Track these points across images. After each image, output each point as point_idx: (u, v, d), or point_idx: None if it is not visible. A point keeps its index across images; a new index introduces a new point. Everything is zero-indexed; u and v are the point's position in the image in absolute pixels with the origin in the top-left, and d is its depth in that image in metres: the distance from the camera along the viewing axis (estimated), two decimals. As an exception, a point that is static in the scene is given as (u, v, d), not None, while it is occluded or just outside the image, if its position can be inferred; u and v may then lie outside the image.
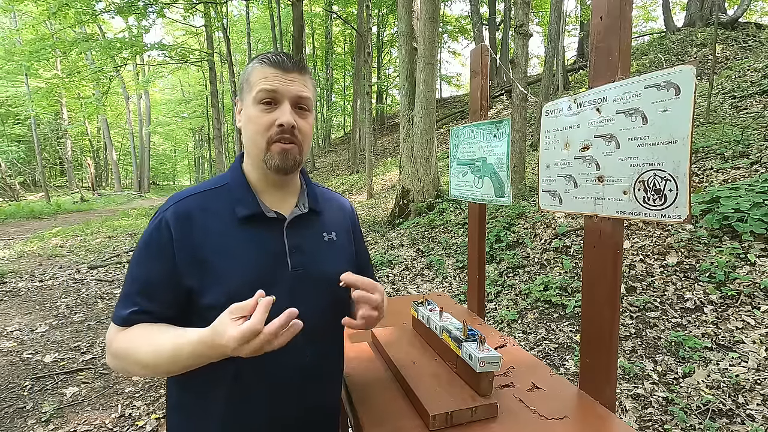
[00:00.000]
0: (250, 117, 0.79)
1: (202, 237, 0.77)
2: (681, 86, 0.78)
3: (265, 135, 0.78)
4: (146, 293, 0.76)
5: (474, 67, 1.53)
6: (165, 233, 0.76)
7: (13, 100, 20.46)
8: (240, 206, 0.80)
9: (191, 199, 0.81)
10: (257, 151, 0.80)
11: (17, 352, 3.26)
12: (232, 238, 0.78)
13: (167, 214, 0.78)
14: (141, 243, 0.79)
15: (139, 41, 13.08)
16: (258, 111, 0.78)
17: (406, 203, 6.65)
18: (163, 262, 0.76)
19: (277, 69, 0.78)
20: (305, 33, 16.08)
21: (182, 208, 0.79)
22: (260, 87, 0.77)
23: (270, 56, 0.80)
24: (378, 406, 0.93)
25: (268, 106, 0.78)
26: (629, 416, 2.08)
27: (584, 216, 1.00)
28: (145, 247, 0.78)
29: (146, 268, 0.77)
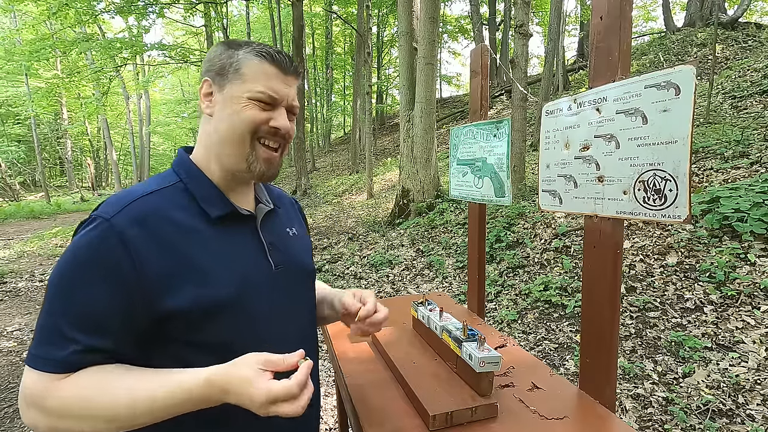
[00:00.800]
0: (236, 111, 0.70)
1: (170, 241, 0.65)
2: (681, 86, 0.78)
3: (253, 129, 0.71)
4: (91, 326, 0.60)
5: (474, 67, 1.53)
6: (116, 245, 0.61)
7: (13, 100, 20.47)
8: (210, 205, 0.72)
9: (144, 199, 0.66)
10: (238, 150, 0.72)
11: (17, 352, 3.26)
12: (210, 240, 0.69)
13: (116, 221, 0.62)
14: (75, 262, 0.61)
15: (139, 41, 13.07)
16: (249, 107, 0.70)
17: (406, 203, 6.65)
18: (119, 283, 0.61)
19: (278, 69, 0.72)
20: (305, 33, 16.08)
21: (137, 210, 0.64)
22: (261, 88, 0.70)
23: (271, 53, 0.72)
24: (378, 406, 0.93)
25: (263, 105, 0.71)
26: (629, 416, 2.08)
27: (584, 216, 1.00)
28: (86, 268, 0.60)
29: (91, 295, 0.60)
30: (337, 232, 7.01)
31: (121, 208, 0.64)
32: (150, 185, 0.70)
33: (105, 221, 0.62)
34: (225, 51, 0.73)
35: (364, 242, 6.17)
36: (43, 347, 0.59)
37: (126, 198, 0.66)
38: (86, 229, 0.63)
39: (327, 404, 2.46)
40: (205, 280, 0.66)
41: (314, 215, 8.96)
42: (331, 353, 1.26)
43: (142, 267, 0.62)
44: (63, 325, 0.59)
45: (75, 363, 0.59)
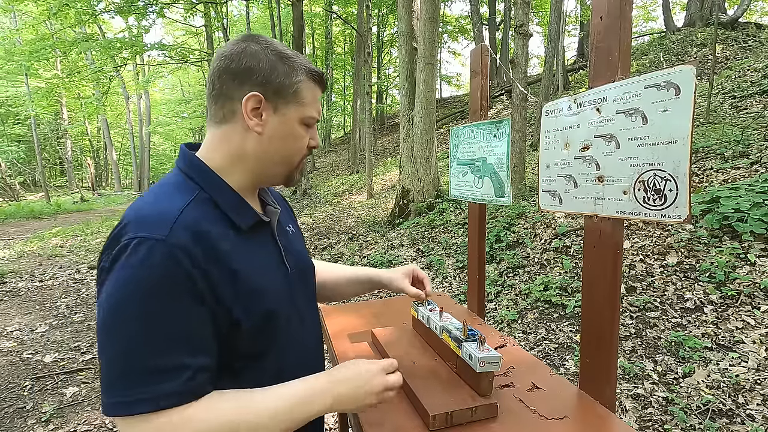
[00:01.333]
0: (291, 134, 0.73)
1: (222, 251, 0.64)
2: (681, 86, 0.78)
3: (301, 154, 0.76)
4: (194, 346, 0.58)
5: (474, 67, 1.53)
6: (183, 263, 0.58)
7: (13, 100, 20.46)
8: (238, 215, 0.70)
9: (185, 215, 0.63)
10: (285, 167, 0.75)
11: (17, 352, 3.26)
12: (246, 249, 0.70)
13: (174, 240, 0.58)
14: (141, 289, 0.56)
15: (139, 41, 13.07)
16: (302, 131, 0.74)
17: (406, 203, 6.65)
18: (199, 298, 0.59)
19: (322, 91, 0.77)
20: (305, 33, 16.07)
21: (186, 227, 0.61)
22: (313, 113, 0.74)
23: (322, 76, 0.76)
24: (378, 406, 0.93)
25: (308, 128, 0.76)
26: (629, 416, 2.08)
27: (584, 216, 1.00)
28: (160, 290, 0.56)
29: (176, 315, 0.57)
30: (337, 232, 7.01)
31: (170, 225, 0.60)
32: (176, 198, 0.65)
33: (159, 241, 0.57)
34: (281, 65, 0.70)
35: (364, 242, 6.17)
36: (148, 387, 0.54)
37: (167, 214, 0.61)
38: (136, 255, 0.56)
39: (327, 404, 2.46)
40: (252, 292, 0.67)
41: (314, 215, 8.96)
42: (332, 353, 1.26)
43: (210, 277, 0.61)
44: (163, 355, 0.56)
45: (193, 389, 0.57)
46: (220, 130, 0.72)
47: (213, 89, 0.71)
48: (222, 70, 0.69)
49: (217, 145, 0.72)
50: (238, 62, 0.68)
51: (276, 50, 0.70)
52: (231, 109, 0.70)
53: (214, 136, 0.72)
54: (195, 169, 0.71)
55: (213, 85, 0.71)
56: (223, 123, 0.71)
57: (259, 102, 0.69)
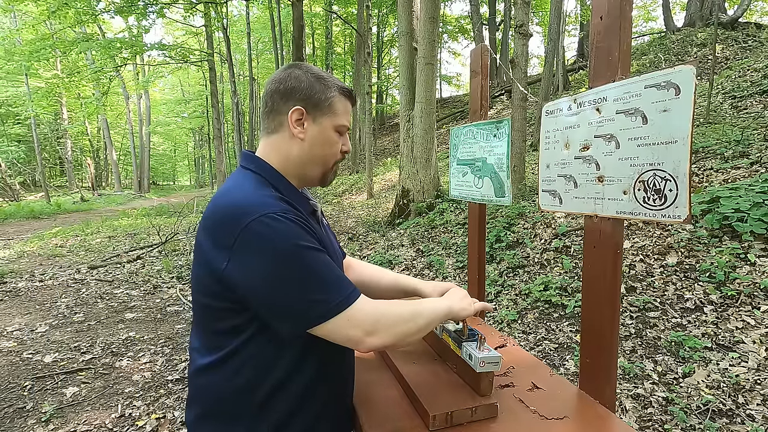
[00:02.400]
0: (327, 140, 0.89)
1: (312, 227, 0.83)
2: (681, 86, 0.78)
3: (335, 158, 0.92)
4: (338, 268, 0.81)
5: (474, 67, 1.53)
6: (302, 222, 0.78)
7: (13, 100, 20.46)
8: (299, 203, 0.86)
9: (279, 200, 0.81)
10: (322, 168, 0.91)
11: (17, 352, 3.26)
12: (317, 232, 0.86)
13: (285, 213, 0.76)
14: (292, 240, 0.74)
15: (139, 41, 13.07)
16: (336, 137, 0.90)
17: (406, 203, 6.65)
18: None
19: (352, 105, 0.93)
20: (305, 33, 16.06)
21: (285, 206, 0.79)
22: (344, 122, 0.90)
23: (353, 94, 0.93)
24: (378, 406, 0.93)
25: (340, 135, 0.91)
26: (629, 416, 2.08)
27: (584, 216, 1.00)
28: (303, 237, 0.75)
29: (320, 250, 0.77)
30: (337, 232, 7.01)
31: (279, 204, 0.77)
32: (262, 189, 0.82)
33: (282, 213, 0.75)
34: (318, 84, 0.87)
35: (364, 242, 6.17)
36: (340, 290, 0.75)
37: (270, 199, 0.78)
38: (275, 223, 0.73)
39: (327, 404, 2.46)
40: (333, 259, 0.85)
41: (314, 215, 8.94)
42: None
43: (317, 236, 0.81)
44: (335, 269, 0.77)
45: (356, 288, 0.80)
46: (271, 139, 0.89)
47: (266, 107, 0.89)
48: (273, 91, 0.87)
49: (270, 151, 0.89)
50: (286, 84, 0.86)
51: (314, 73, 0.88)
52: (279, 121, 0.87)
53: (267, 144, 0.89)
54: (261, 167, 0.87)
55: (266, 104, 0.89)
56: (274, 133, 0.88)
57: (301, 114, 0.86)
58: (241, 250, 0.72)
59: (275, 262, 0.72)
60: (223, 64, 21.61)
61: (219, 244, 0.75)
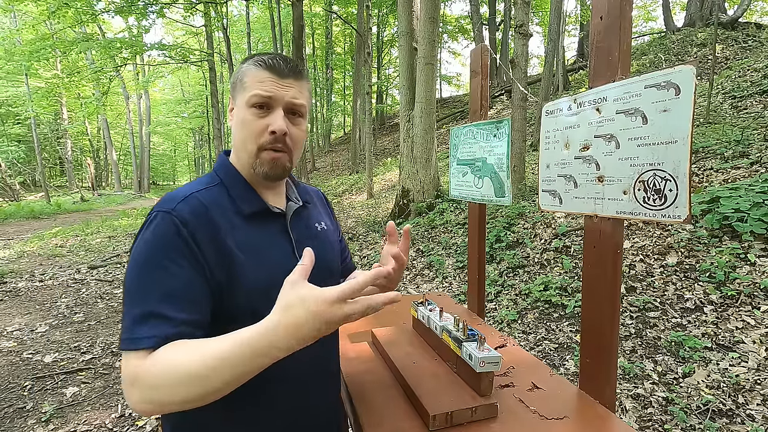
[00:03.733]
0: (242, 120, 0.78)
1: (221, 231, 0.73)
2: (681, 86, 0.78)
3: (257, 141, 0.77)
4: (179, 302, 0.65)
5: (474, 67, 1.53)
6: (183, 230, 0.69)
7: (13, 100, 20.46)
8: (244, 203, 0.79)
9: (197, 195, 0.75)
10: (247, 155, 0.79)
11: (17, 352, 3.26)
12: (247, 234, 0.76)
13: (179, 211, 0.70)
14: (150, 250, 0.68)
15: (139, 41, 13.06)
16: (250, 115, 0.76)
17: (406, 203, 6.65)
18: (191, 261, 0.68)
19: (272, 73, 0.76)
20: (305, 33, 16.08)
21: (194, 202, 0.73)
22: (254, 92, 0.75)
23: (266, 59, 0.77)
24: (378, 406, 0.93)
25: (261, 110, 0.76)
26: (629, 416, 2.08)
27: (584, 216, 1.00)
28: (162, 252, 0.67)
29: (172, 274, 0.66)
30: (337, 232, 7.00)
31: (178, 202, 0.72)
32: (197, 185, 0.79)
33: (167, 213, 0.70)
34: (241, 66, 0.81)
35: (364, 242, 6.17)
36: (135, 330, 0.63)
37: (180, 195, 0.74)
38: (151, 224, 0.70)
39: (327, 404, 2.46)
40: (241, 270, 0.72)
41: (314, 215, 8.95)
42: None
43: (203, 244, 0.70)
44: (150, 305, 0.64)
45: (165, 336, 0.63)
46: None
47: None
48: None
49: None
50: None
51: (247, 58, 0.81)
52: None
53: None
54: (220, 166, 0.84)
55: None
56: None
57: (231, 102, 0.83)
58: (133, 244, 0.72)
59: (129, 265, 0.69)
60: (223, 64, 21.60)
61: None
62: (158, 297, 0.65)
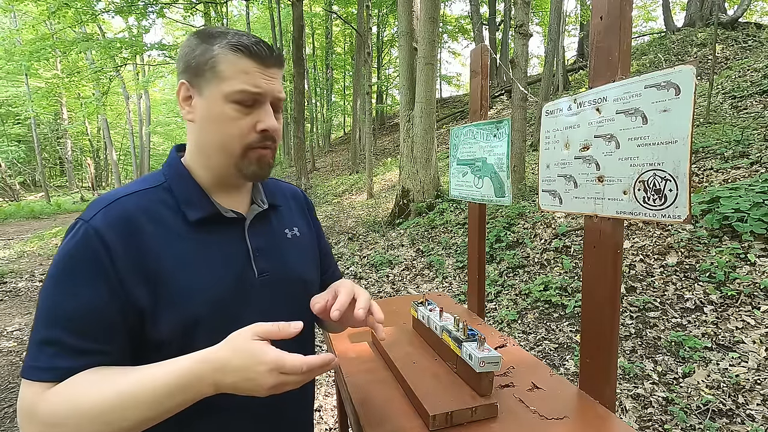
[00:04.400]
0: (219, 116, 0.65)
1: (149, 244, 0.62)
2: (681, 86, 0.78)
3: (243, 141, 0.67)
4: (82, 330, 0.57)
5: (474, 67, 1.53)
6: (96, 245, 0.59)
7: (13, 100, 20.47)
8: (190, 208, 0.67)
9: (124, 200, 0.64)
10: (226, 157, 0.68)
11: (17, 352, 3.26)
12: (186, 246, 0.65)
13: (95, 223, 0.60)
14: (58, 267, 0.59)
15: (139, 41, 13.05)
16: (233, 111, 0.65)
17: (406, 203, 6.65)
18: (102, 282, 0.59)
19: (257, 62, 0.65)
20: (305, 33, 16.08)
21: (115, 212, 0.62)
22: (241, 87, 0.64)
23: (248, 44, 0.64)
24: (378, 406, 0.93)
25: (246, 107, 0.65)
26: (629, 416, 2.08)
27: (584, 216, 1.00)
28: (69, 271, 0.59)
29: (76, 297, 0.58)
30: (337, 232, 7.01)
31: (99, 209, 0.62)
32: (134, 186, 0.68)
33: (84, 223, 0.61)
34: (199, 45, 0.66)
35: (364, 242, 6.17)
36: (35, 357, 0.56)
37: (105, 199, 0.64)
38: (70, 235, 0.61)
39: (327, 404, 2.46)
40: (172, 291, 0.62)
41: (314, 215, 8.95)
42: (331, 353, 1.26)
43: (119, 263, 0.60)
44: (52, 331, 0.57)
45: (67, 368, 0.56)
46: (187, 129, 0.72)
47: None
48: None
49: (188, 142, 0.73)
50: (177, 57, 0.69)
51: (203, 32, 0.67)
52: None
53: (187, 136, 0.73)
54: (168, 163, 0.73)
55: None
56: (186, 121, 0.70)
57: (187, 90, 0.67)
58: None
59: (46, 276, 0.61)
60: (223, 64, 21.55)
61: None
62: (63, 322, 0.57)
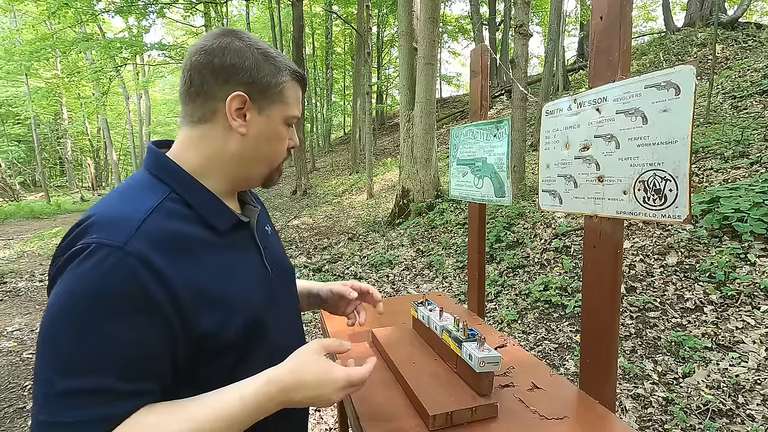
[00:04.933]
0: (276, 134, 0.70)
1: (195, 262, 0.60)
2: (681, 86, 0.78)
3: (282, 155, 0.74)
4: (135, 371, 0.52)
5: (474, 67, 1.53)
6: (143, 275, 0.52)
7: (13, 100, 20.48)
8: (216, 217, 0.66)
9: (153, 219, 0.58)
10: (267, 168, 0.72)
11: (17, 352, 3.26)
12: (222, 255, 0.65)
13: (134, 248, 0.53)
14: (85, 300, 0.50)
15: (139, 41, 13.07)
16: (284, 131, 0.72)
17: (406, 203, 6.65)
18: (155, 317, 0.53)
19: (303, 92, 0.75)
20: (305, 33, 16.08)
21: (150, 233, 0.56)
22: (296, 113, 0.72)
23: (305, 77, 0.74)
24: (378, 406, 0.93)
25: (289, 128, 0.73)
26: (629, 416, 2.08)
27: (584, 216, 1.00)
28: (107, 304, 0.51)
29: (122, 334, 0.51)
30: (337, 232, 7.01)
31: (132, 231, 0.54)
32: (141, 201, 0.60)
33: (117, 249, 0.52)
34: (264, 63, 0.66)
35: (364, 242, 6.17)
36: (76, 410, 0.48)
37: (130, 219, 0.56)
38: (90, 261, 0.51)
39: (327, 404, 2.46)
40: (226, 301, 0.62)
41: (314, 215, 8.96)
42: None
43: (172, 290, 0.55)
44: (97, 378, 0.49)
45: (120, 415, 0.50)
46: (197, 130, 0.66)
47: (191, 86, 0.65)
48: (203, 65, 0.63)
49: (192, 146, 0.67)
50: (222, 58, 0.63)
51: (261, 49, 0.67)
52: (211, 108, 0.65)
53: (189, 136, 0.67)
54: (164, 170, 0.65)
55: (191, 82, 0.64)
56: (202, 122, 0.66)
57: (243, 102, 0.65)
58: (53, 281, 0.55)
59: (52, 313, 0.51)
60: (223, 64, 21.57)
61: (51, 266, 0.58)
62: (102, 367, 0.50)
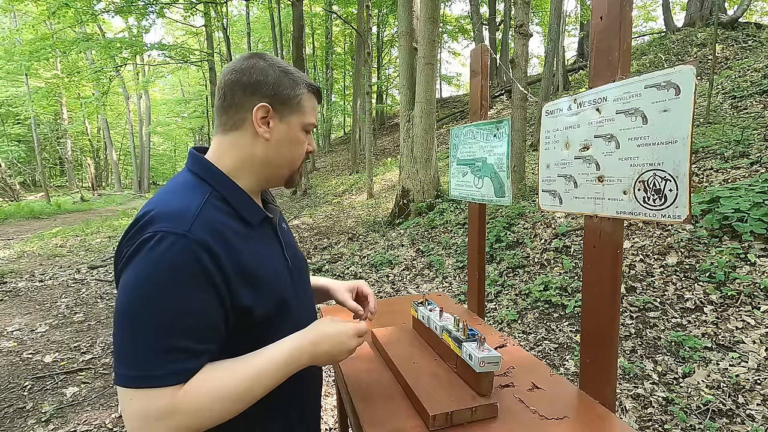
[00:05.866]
0: (295, 140, 0.83)
1: (238, 249, 0.72)
2: (681, 86, 0.78)
3: (301, 158, 0.86)
4: (202, 333, 0.65)
5: (474, 67, 1.53)
6: (204, 257, 0.65)
7: (13, 100, 20.47)
8: (249, 212, 0.79)
9: (204, 212, 0.71)
10: (289, 169, 0.85)
11: (17, 352, 3.26)
12: (255, 244, 0.77)
13: (196, 235, 0.66)
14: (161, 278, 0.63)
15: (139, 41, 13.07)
16: (303, 136, 0.84)
17: (406, 203, 6.65)
18: (212, 290, 0.66)
19: (319, 103, 0.88)
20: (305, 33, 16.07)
21: (210, 223, 0.69)
22: (312, 120, 0.84)
23: (320, 90, 0.87)
24: (378, 406, 0.93)
25: (306, 134, 0.85)
26: (629, 416, 2.08)
27: (584, 216, 1.00)
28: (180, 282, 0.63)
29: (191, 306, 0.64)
30: (337, 232, 7.01)
31: (191, 221, 0.67)
32: (192, 197, 0.72)
33: (180, 236, 0.64)
34: (285, 78, 0.79)
35: (364, 242, 6.17)
36: (156, 364, 0.62)
37: (188, 211, 0.69)
38: (159, 247, 0.63)
39: (327, 404, 2.46)
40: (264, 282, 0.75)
41: (314, 215, 8.96)
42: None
43: (224, 271, 0.68)
44: (172, 340, 0.63)
45: (194, 369, 0.65)
46: (229, 137, 0.79)
47: (224, 100, 0.78)
48: (233, 83, 0.77)
49: (226, 151, 0.79)
50: (249, 76, 0.77)
51: (281, 67, 0.80)
52: (241, 117, 0.77)
53: (222, 143, 0.80)
54: (207, 171, 0.78)
55: (224, 97, 0.78)
56: (233, 130, 0.79)
57: (267, 111, 0.78)
58: (126, 265, 0.65)
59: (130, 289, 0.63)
60: (223, 64, 21.60)
61: (118, 254, 0.68)
62: (180, 331, 0.63)
